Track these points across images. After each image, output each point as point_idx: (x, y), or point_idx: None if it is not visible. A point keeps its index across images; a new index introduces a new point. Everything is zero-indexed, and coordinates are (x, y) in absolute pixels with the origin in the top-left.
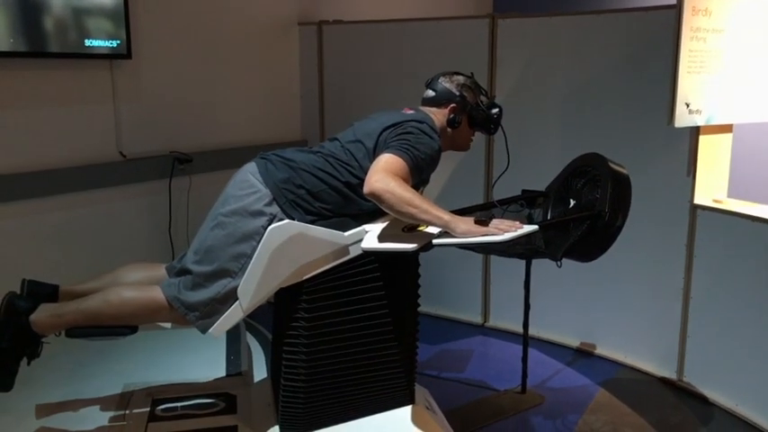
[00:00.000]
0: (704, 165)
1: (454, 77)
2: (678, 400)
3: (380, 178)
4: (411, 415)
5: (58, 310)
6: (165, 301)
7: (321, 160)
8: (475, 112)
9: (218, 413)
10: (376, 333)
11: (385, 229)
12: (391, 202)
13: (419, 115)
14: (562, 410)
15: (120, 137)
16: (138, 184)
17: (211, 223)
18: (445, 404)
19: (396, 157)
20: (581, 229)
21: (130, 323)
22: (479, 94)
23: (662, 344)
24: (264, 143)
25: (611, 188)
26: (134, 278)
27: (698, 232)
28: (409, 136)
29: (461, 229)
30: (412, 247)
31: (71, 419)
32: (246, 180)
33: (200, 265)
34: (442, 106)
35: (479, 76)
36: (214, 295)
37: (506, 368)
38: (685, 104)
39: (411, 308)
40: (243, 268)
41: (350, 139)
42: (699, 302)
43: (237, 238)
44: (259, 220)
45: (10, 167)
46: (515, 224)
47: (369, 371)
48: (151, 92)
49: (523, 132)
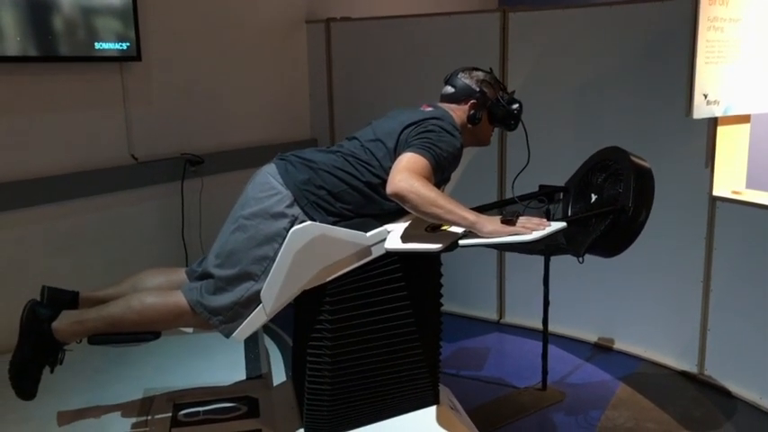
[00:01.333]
0: (722, 156)
1: (474, 73)
2: (700, 394)
3: (404, 178)
4: (436, 415)
5: (80, 317)
6: (187, 305)
7: (341, 160)
8: (495, 107)
9: (241, 417)
10: (400, 334)
11: (407, 228)
12: (415, 202)
13: (439, 112)
14: (584, 407)
15: (131, 140)
16: (151, 187)
17: (232, 226)
18: (466, 403)
19: (418, 156)
20: (604, 225)
21: (153, 329)
22: (499, 90)
23: (682, 337)
24: (275, 143)
25: (633, 182)
26: (154, 283)
27: (717, 224)
28: (431, 134)
29: (488, 230)
30: (437, 247)
31: (93, 426)
32: (267, 182)
33: (222, 269)
34: (462, 102)
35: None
36: (237, 299)
37: (525, 365)
38: (703, 95)
39: (434, 307)
40: (266, 271)
41: (369, 137)
42: (719, 295)
43: (259, 241)
44: (281, 222)
45: (22, 174)
46: (543, 222)
47: (393, 372)
48: (161, 94)
49: (537, 127)
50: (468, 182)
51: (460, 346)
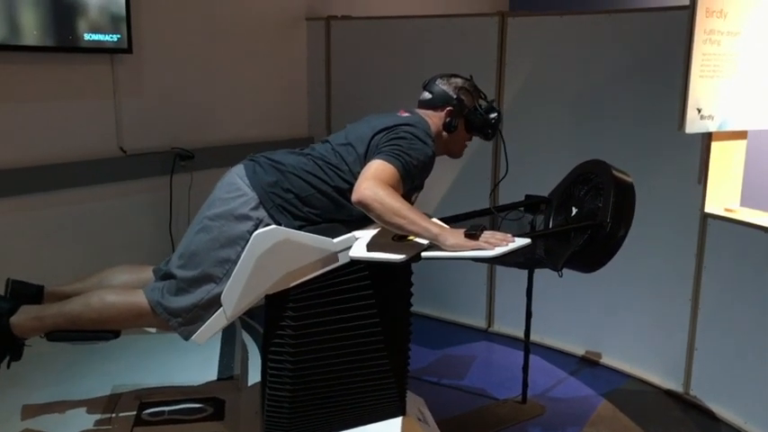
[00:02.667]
0: (716, 172)
1: (452, 80)
2: (683, 415)
3: (369, 186)
4: (401, 427)
5: (40, 312)
6: (147, 306)
7: (311, 164)
8: (472, 116)
9: (205, 419)
10: (365, 343)
11: (375, 236)
12: (379, 211)
13: (413, 119)
14: (562, 422)
15: (120, 132)
16: (139, 181)
17: (197, 227)
18: (443, 412)
19: (386, 164)
20: (582, 240)
21: (113, 327)
22: (478, 98)
23: (669, 355)
24: (269, 140)
25: (613, 197)
26: (120, 280)
27: (708, 242)
28: (401, 141)
29: (450, 243)
30: (400, 258)
31: (56, 421)
32: (233, 183)
33: (184, 270)
34: (439, 109)
35: (488, 75)
36: (197, 301)
37: (509, 376)
38: (697, 110)
39: (402, 317)
40: (227, 274)
41: (341, 141)
42: (708, 314)
43: (222, 243)
44: (245, 224)
45: (8, 162)
46: (507, 237)
47: (357, 381)
48: (153, 87)
49: (531, 135)
50: (460, 190)
51: (446, 353)
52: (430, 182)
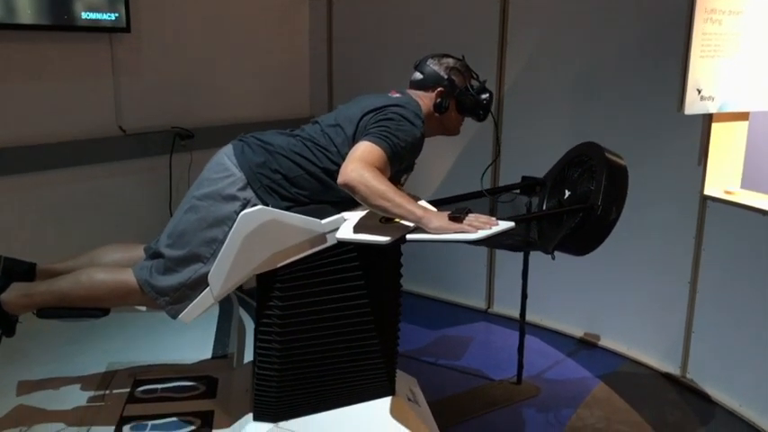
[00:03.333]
0: (716, 154)
1: (443, 60)
2: (679, 398)
3: (355, 168)
4: (390, 406)
5: (30, 290)
6: (136, 284)
7: (299, 144)
8: (463, 96)
9: (197, 397)
10: (353, 323)
11: (363, 218)
12: (364, 194)
13: (403, 99)
14: (556, 403)
15: (119, 111)
16: (138, 160)
17: (185, 206)
18: (437, 393)
19: (373, 146)
20: (573, 222)
21: (101, 305)
22: (470, 78)
23: (666, 338)
24: (270, 120)
25: (605, 180)
26: (111, 259)
27: (707, 225)
28: (389, 123)
29: (434, 225)
30: (385, 240)
31: (51, 397)
32: (222, 163)
33: (172, 249)
34: (429, 90)
35: (489, 52)
36: (184, 280)
37: (505, 357)
38: (697, 90)
39: (391, 299)
40: (214, 254)
41: (330, 122)
42: (706, 297)
43: (209, 223)
44: (232, 204)
45: (7, 141)
46: (491, 220)
47: (345, 361)
48: (152, 66)
49: (531, 115)
50: (460, 171)
51: (444, 333)
52: (429, 163)
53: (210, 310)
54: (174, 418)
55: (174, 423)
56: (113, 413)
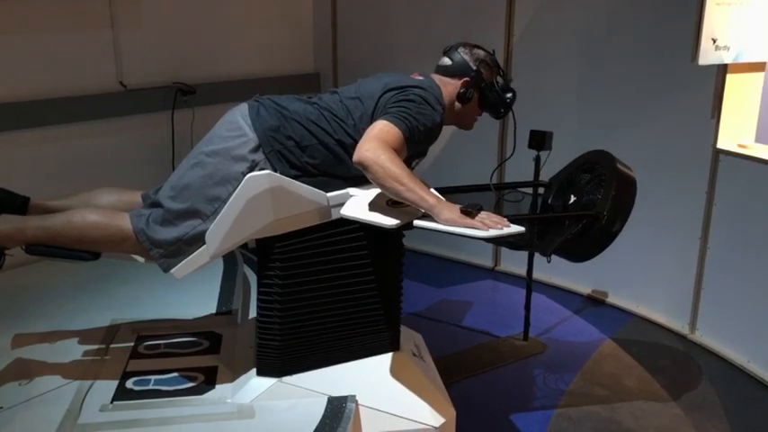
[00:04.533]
0: (730, 106)
1: (474, 50)
2: (687, 354)
3: (371, 147)
4: (393, 361)
5: (22, 223)
6: (131, 231)
7: (316, 113)
8: (488, 91)
9: (201, 352)
10: (354, 291)
11: (369, 197)
12: (378, 174)
13: (426, 82)
14: (563, 359)
15: (120, 66)
16: (140, 116)
17: (192, 160)
18: (443, 350)
19: (392, 126)
20: (576, 229)
21: (93, 248)
22: (497, 74)
23: (676, 295)
24: (274, 75)
25: (614, 190)
26: (106, 201)
27: (719, 179)
28: (410, 104)
29: (444, 217)
30: (392, 223)
31: (52, 352)
32: (235, 122)
33: (174, 202)
34: (456, 78)
35: (498, 8)
36: (181, 235)
37: (512, 314)
38: (712, 40)
39: (394, 266)
40: (215, 212)
41: (350, 95)
42: (716, 253)
43: (215, 181)
44: (240, 165)
45: (4, 96)
46: (502, 221)
47: (347, 322)
48: (152, 19)
49: (541, 67)
50: (467, 160)
51: (451, 292)
52: (432, 148)
53: (214, 266)
54: (177, 373)
55: (177, 378)
56: (116, 368)
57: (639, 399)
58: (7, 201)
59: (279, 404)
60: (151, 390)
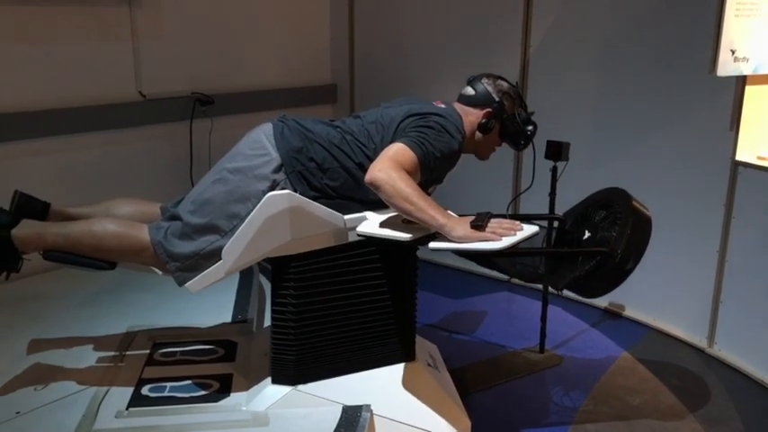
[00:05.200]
0: (749, 118)
1: (498, 82)
2: (705, 368)
3: (384, 167)
4: (408, 371)
5: (43, 229)
6: (149, 243)
7: (339, 136)
8: (509, 122)
9: (216, 360)
10: (368, 309)
11: (387, 218)
12: (390, 194)
13: (448, 110)
14: (579, 373)
15: (139, 76)
16: (158, 125)
17: (215, 176)
18: (459, 361)
19: (407, 149)
20: (589, 265)
21: (110, 258)
22: (519, 107)
23: (693, 308)
24: (291, 86)
25: (629, 229)
26: (126, 211)
27: (738, 191)
28: (429, 130)
29: (457, 234)
30: (407, 237)
31: (69, 358)
32: (259, 141)
33: (193, 216)
34: (478, 108)
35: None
36: (198, 250)
37: (528, 327)
38: (730, 51)
39: (408, 283)
40: (233, 229)
41: (372, 119)
42: (735, 266)
43: (236, 198)
44: (261, 183)
45: (27, 105)
46: (514, 225)
47: (361, 336)
48: (172, 31)
49: (558, 77)
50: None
51: (467, 303)
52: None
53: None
54: (192, 381)
55: (192, 385)
56: (132, 375)
57: (657, 413)
58: (28, 206)
59: (293, 412)
60: (166, 397)
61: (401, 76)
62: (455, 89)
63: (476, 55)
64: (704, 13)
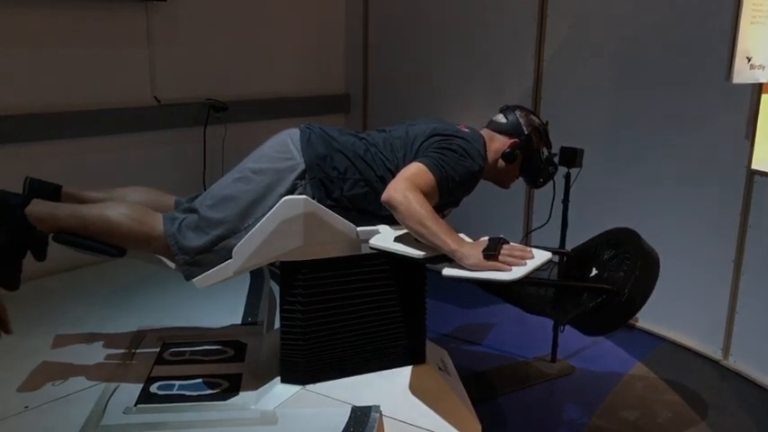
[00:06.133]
0: (765, 126)
1: (531, 116)
2: (720, 380)
3: (401, 188)
4: (419, 373)
5: (56, 209)
6: (162, 232)
7: (363, 148)
8: (533, 157)
9: (226, 360)
10: (377, 316)
11: (399, 234)
12: (404, 214)
13: (472, 135)
14: (592, 382)
15: (154, 81)
16: (172, 131)
17: (237, 174)
18: (469, 369)
19: (426, 170)
20: (594, 302)
21: (121, 244)
22: (544, 145)
23: (708, 319)
24: (306, 95)
25: (638, 270)
26: (140, 198)
27: (754, 200)
28: (451, 153)
29: (468, 262)
30: (419, 254)
31: (79, 355)
32: (285, 144)
33: (211, 210)
34: (505, 136)
35: (529, 29)
36: (210, 245)
37: (541, 336)
38: (746, 58)
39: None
40: (248, 228)
41: (397, 135)
42: (751, 277)
43: (255, 198)
44: (281, 186)
45: (43, 107)
46: (526, 252)
47: (371, 341)
48: (187, 36)
49: (572, 86)
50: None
51: (479, 313)
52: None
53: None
54: (201, 380)
55: (201, 384)
56: (141, 373)
57: (670, 425)
58: (40, 189)
59: (302, 412)
60: (175, 394)
61: (415, 88)
62: (468, 100)
63: (489, 65)
64: (720, 20)
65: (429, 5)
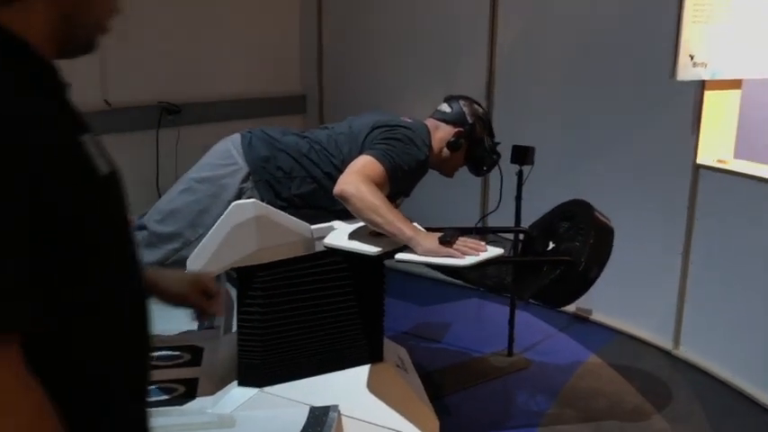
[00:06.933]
0: (709, 122)
1: (474, 106)
2: (671, 369)
3: (352, 180)
4: (377, 372)
5: None
6: None
7: (307, 146)
8: (477, 146)
9: (182, 365)
10: (336, 316)
11: (353, 229)
12: (358, 206)
13: (415, 124)
14: (546, 375)
15: (105, 84)
16: (124, 134)
17: (182, 186)
18: (427, 366)
19: (375, 161)
20: (553, 275)
21: None
22: (487, 134)
23: (659, 311)
24: (261, 96)
25: (592, 239)
26: None
27: (700, 193)
28: (396, 142)
29: (423, 248)
30: (374, 250)
31: None
32: (227, 150)
33: (159, 225)
34: (450, 125)
35: (480, 31)
36: (164, 259)
37: (497, 332)
38: (689, 56)
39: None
40: (199, 239)
41: (340, 131)
42: (699, 268)
43: (202, 207)
44: (228, 192)
45: None
46: (480, 246)
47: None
48: (139, 38)
49: (522, 91)
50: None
51: (436, 311)
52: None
53: None
54: (156, 386)
55: (156, 390)
56: None
57: (624, 414)
58: None
59: (260, 414)
60: None
61: (370, 87)
62: (423, 99)
63: (444, 64)
64: (664, 20)
65: (383, 5)
